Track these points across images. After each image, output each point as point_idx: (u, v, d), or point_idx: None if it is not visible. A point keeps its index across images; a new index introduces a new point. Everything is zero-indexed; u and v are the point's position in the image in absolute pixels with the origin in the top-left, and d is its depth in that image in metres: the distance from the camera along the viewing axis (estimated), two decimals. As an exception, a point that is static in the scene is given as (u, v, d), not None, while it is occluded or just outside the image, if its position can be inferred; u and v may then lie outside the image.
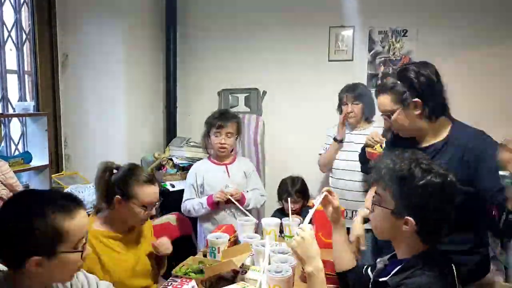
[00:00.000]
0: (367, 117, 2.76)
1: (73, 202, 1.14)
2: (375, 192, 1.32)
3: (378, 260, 1.41)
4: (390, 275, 1.27)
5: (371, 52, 3.35)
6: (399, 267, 1.27)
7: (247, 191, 2.51)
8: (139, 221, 1.73)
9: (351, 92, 2.72)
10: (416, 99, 1.57)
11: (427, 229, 1.25)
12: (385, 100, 1.64)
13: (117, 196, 1.67)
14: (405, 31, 3.28)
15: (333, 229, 1.57)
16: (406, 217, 1.23)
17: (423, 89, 1.58)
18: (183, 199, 2.51)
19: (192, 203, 2.46)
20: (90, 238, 1.64)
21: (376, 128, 2.68)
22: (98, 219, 1.74)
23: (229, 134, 2.44)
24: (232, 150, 2.57)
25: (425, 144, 1.65)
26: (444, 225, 1.26)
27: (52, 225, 1.05)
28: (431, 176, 1.22)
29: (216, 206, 2.41)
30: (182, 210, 2.53)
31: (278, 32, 3.49)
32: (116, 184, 1.69)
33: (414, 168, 1.23)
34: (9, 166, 2.26)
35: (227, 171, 2.50)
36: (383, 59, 3.34)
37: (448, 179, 1.24)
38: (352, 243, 1.51)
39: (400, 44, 3.30)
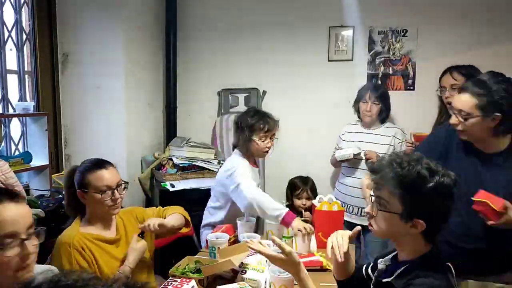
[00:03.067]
0: (382, 118, 2.81)
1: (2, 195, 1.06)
2: (377, 196, 1.28)
3: (379, 260, 1.40)
4: (394, 276, 1.27)
5: (371, 52, 3.35)
6: (403, 268, 1.26)
7: None
8: (106, 208, 1.70)
9: (374, 91, 2.74)
10: (498, 114, 1.59)
11: (434, 229, 1.26)
12: (468, 101, 1.62)
13: (77, 191, 1.71)
14: (405, 31, 3.27)
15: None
16: (416, 219, 1.21)
17: (509, 108, 1.59)
18: (244, 185, 2.13)
19: (264, 199, 2.11)
20: (83, 240, 1.67)
21: (388, 129, 2.79)
22: (81, 221, 1.76)
23: (273, 136, 2.38)
24: None
25: (491, 151, 1.68)
26: (446, 223, 1.26)
27: None
28: (439, 177, 1.21)
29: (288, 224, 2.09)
30: (247, 195, 2.12)
31: (278, 32, 3.49)
32: (75, 181, 1.73)
33: (421, 171, 1.21)
34: (9, 166, 2.26)
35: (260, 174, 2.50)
36: (383, 59, 3.33)
37: (453, 177, 1.24)
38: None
39: (400, 44, 3.30)
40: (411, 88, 3.28)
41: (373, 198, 1.30)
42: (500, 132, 1.64)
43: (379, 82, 3.34)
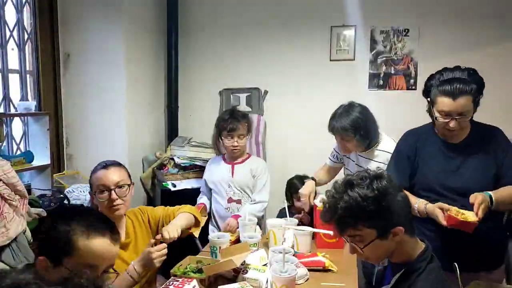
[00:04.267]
0: (368, 145, 2.25)
1: (102, 227, 1.14)
2: (350, 236, 1.28)
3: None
4: (393, 283, 1.28)
5: (373, 52, 3.35)
6: (400, 273, 1.27)
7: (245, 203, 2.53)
8: (107, 208, 1.67)
9: (339, 123, 2.22)
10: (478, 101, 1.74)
11: (409, 222, 1.28)
12: (467, 102, 1.70)
13: (89, 191, 1.74)
14: (407, 30, 3.27)
15: None
16: (392, 230, 1.23)
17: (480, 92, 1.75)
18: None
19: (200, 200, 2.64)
20: None
21: (380, 153, 2.23)
22: None
23: (241, 136, 2.46)
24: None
25: (456, 141, 1.82)
26: (410, 208, 1.31)
27: (66, 236, 1.08)
28: (376, 183, 1.23)
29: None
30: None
31: (280, 32, 3.48)
32: None
33: (360, 190, 1.23)
34: (11, 165, 2.25)
35: (232, 171, 2.53)
36: (384, 58, 3.33)
37: (384, 173, 1.28)
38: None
39: (401, 43, 3.29)
40: (413, 87, 3.28)
41: (348, 239, 1.31)
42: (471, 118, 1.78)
43: (381, 81, 3.33)
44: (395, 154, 2.01)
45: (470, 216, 1.58)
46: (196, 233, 2.00)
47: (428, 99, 1.83)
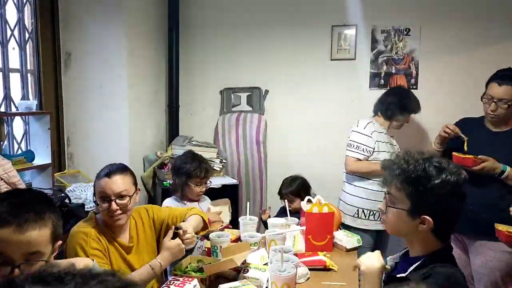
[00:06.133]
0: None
1: (7, 217, 1.07)
2: (388, 193, 1.31)
3: (388, 258, 1.44)
4: (409, 271, 1.28)
5: (374, 51, 3.34)
6: (418, 263, 1.27)
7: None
8: (107, 217, 1.66)
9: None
10: None
11: (443, 227, 1.27)
12: (509, 90, 2.05)
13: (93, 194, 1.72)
14: (408, 30, 3.26)
15: None
16: (423, 216, 1.23)
17: None
18: None
19: None
20: (99, 234, 1.67)
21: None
22: (97, 217, 1.74)
23: (207, 181, 2.43)
24: None
25: (498, 130, 2.18)
26: (457, 222, 1.28)
27: None
28: (446, 175, 1.23)
29: None
30: None
31: (280, 31, 3.48)
32: None
33: (428, 168, 1.23)
34: (12, 164, 2.26)
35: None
36: (385, 58, 3.32)
37: (462, 176, 1.26)
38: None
39: (403, 43, 3.29)
40: (414, 87, 3.27)
41: (385, 194, 1.33)
42: None
43: (382, 81, 3.33)
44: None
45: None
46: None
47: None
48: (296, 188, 2.66)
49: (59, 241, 1.17)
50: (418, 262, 1.27)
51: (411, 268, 1.28)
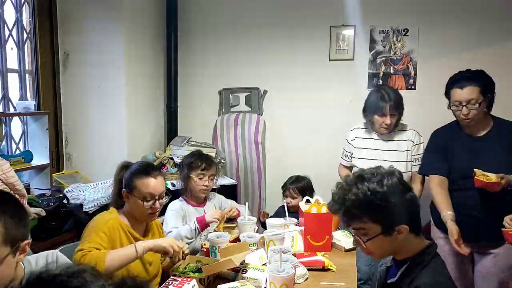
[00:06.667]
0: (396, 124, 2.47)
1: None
2: (355, 229, 1.30)
3: (380, 263, 1.45)
4: (397, 277, 1.29)
5: (372, 52, 3.35)
6: (404, 267, 1.28)
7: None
8: (145, 215, 1.75)
9: (392, 102, 2.37)
10: (490, 95, 2.07)
11: (415, 222, 1.29)
12: (473, 91, 2.03)
13: (123, 189, 1.75)
14: (406, 30, 3.27)
15: None
16: (396, 227, 1.24)
17: (493, 88, 2.10)
18: (168, 229, 2.19)
19: (179, 232, 2.12)
20: (118, 227, 1.71)
21: (402, 132, 2.46)
22: (121, 212, 1.80)
23: (211, 177, 2.39)
24: None
25: (478, 134, 2.12)
26: (418, 208, 1.31)
27: None
28: (386, 179, 1.24)
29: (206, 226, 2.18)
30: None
31: (279, 32, 3.48)
32: (123, 179, 1.77)
33: (370, 184, 1.24)
34: (10, 165, 2.25)
35: (204, 213, 2.33)
36: (384, 58, 3.33)
37: (396, 172, 1.29)
38: None
39: (401, 43, 3.29)
40: (413, 87, 3.28)
41: (353, 232, 1.32)
42: (488, 112, 2.10)
43: (380, 81, 3.34)
44: (432, 147, 2.28)
45: (493, 178, 1.89)
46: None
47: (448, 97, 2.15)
48: (303, 185, 2.68)
49: (25, 240, 1.11)
50: (405, 267, 1.29)
51: (400, 272, 1.29)
